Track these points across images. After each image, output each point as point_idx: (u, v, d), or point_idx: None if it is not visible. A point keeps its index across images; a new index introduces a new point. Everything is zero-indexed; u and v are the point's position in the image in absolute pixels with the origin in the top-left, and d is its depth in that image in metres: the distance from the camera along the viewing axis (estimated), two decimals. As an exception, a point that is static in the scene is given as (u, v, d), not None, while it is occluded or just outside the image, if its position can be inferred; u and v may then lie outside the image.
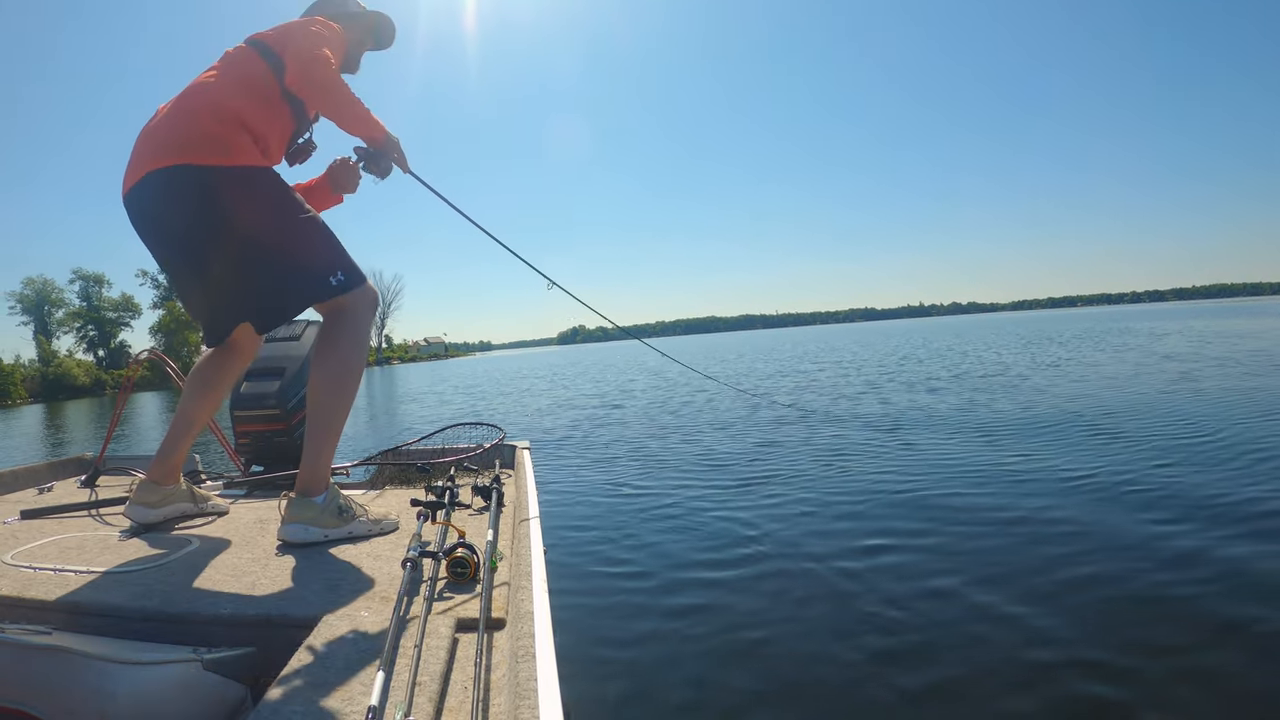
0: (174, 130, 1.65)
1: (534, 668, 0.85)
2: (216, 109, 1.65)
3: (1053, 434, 5.55)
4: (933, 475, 4.38)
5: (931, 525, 3.35)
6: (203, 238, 1.66)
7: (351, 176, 2.10)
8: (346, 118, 1.74)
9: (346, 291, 1.72)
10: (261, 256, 1.66)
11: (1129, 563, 2.73)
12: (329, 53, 1.67)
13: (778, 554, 3.07)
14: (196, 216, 1.63)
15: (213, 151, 1.62)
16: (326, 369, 1.71)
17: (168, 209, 1.66)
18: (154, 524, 1.77)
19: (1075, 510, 3.46)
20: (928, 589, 2.59)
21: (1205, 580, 2.53)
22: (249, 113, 1.68)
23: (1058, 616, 2.32)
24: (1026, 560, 2.83)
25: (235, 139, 1.65)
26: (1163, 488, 3.76)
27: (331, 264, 1.72)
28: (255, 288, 1.68)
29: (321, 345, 1.74)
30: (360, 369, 1.76)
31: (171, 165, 1.62)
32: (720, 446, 5.98)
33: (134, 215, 1.72)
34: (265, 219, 1.66)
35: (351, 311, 1.74)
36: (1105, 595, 2.46)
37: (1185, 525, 3.12)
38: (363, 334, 1.77)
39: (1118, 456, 4.58)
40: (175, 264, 1.76)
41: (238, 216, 1.63)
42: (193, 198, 1.62)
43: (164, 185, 1.63)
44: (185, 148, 1.62)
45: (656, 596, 2.67)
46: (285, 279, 1.68)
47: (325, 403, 1.70)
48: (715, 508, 3.92)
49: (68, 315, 59.50)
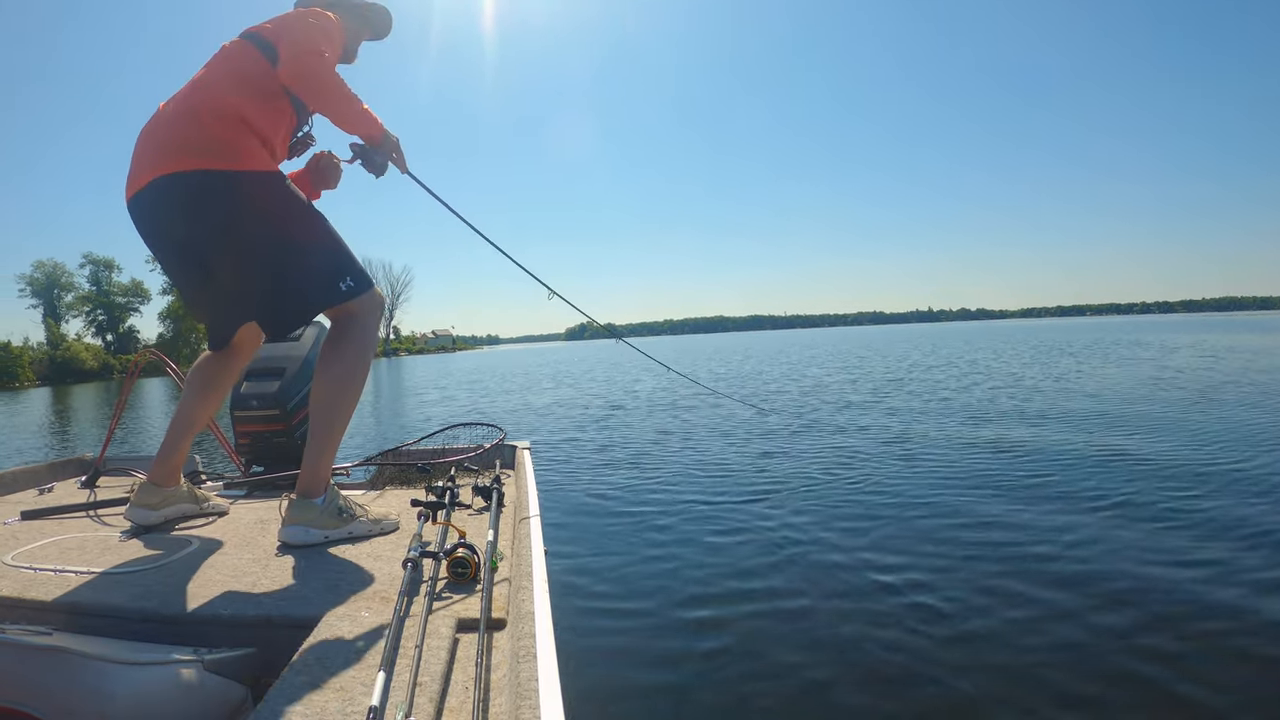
0: (178, 134, 1.62)
1: (534, 668, 0.85)
2: (219, 110, 1.62)
3: (1082, 451, 5.18)
4: (940, 488, 4.38)
5: (934, 542, 3.35)
6: (211, 245, 1.64)
7: (335, 174, 2.04)
8: (343, 115, 1.71)
9: (355, 297, 1.71)
10: (272, 263, 1.63)
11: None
12: (324, 47, 1.64)
13: (779, 554, 3.07)
14: (205, 224, 1.61)
15: (220, 156, 1.59)
16: (331, 374, 1.69)
17: (175, 216, 1.63)
18: (155, 525, 1.77)
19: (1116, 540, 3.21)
20: (927, 599, 2.59)
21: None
22: (252, 112, 1.65)
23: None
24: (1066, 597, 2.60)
25: (242, 142, 1.63)
26: (1188, 511, 3.51)
27: (340, 269, 1.70)
28: (267, 294, 1.66)
29: (327, 350, 1.72)
30: (364, 374, 1.75)
31: (177, 171, 1.59)
32: (722, 447, 5.98)
33: (139, 221, 1.70)
34: (275, 225, 1.63)
35: (360, 317, 1.72)
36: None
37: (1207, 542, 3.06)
38: (369, 339, 1.75)
39: (1145, 483, 4.13)
40: (182, 269, 1.74)
41: (247, 223, 1.60)
42: (201, 205, 1.59)
43: (170, 192, 1.60)
44: (191, 152, 1.59)
45: (657, 596, 2.67)
46: (296, 286, 1.66)
47: (329, 406, 1.68)
48: (716, 508, 3.92)
49: (77, 299, 59.50)
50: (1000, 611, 2.41)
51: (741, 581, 2.77)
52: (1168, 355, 15.68)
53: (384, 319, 50.83)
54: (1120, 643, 2.18)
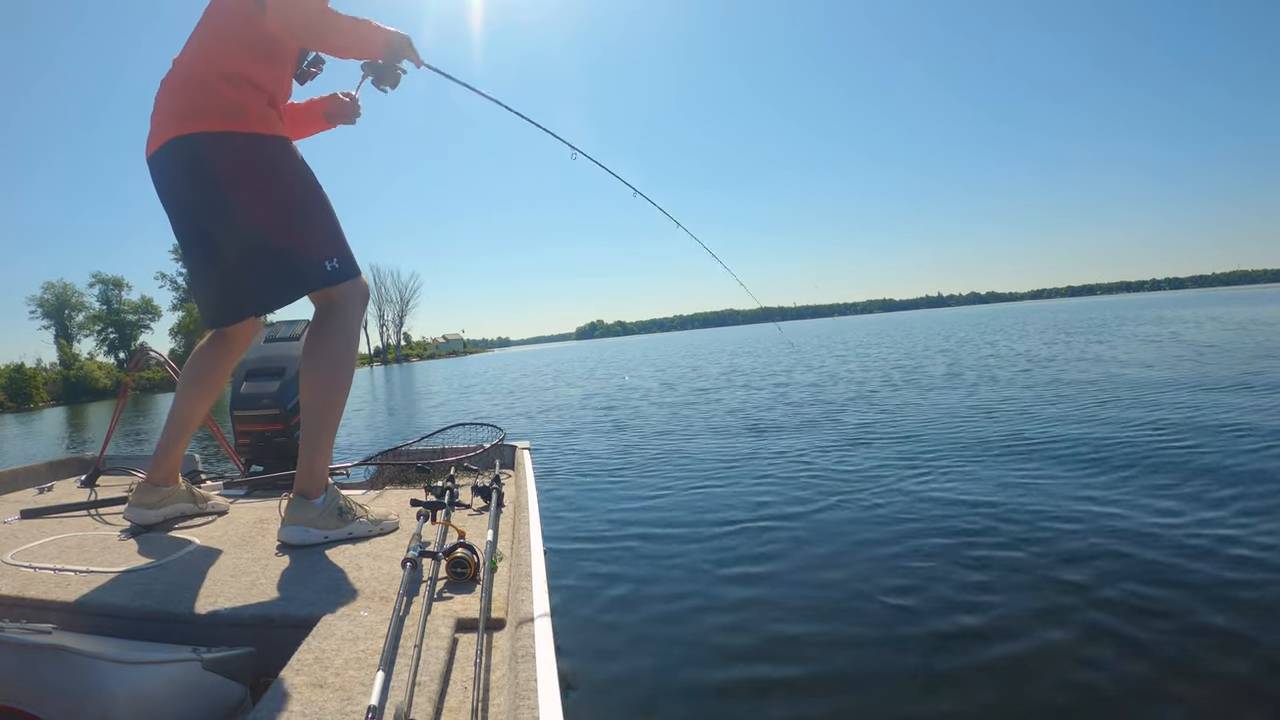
0: (181, 99, 1.61)
1: (534, 668, 0.85)
2: (221, 68, 1.59)
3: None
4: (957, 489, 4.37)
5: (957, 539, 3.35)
6: (204, 207, 1.63)
7: (351, 110, 2.00)
8: (343, 49, 1.66)
9: (339, 282, 1.66)
10: (255, 230, 1.60)
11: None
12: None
13: (781, 555, 3.07)
14: (200, 185, 1.60)
15: (224, 116, 1.57)
16: (316, 366, 1.65)
17: (179, 180, 1.64)
18: (153, 525, 1.78)
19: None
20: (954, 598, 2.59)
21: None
22: (251, 66, 1.61)
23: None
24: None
25: (245, 101, 1.59)
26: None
27: (328, 249, 1.65)
28: (248, 264, 1.63)
29: (310, 341, 1.68)
30: (351, 365, 1.71)
31: (183, 134, 1.58)
32: (723, 446, 5.98)
33: (154, 182, 1.70)
34: (264, 191, 1.60)
35: (341, 305, 1.68)
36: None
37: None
38: (352, 328, 1.70)
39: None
40: (184, 236, 1.73)
41: (241, 186, 1.58)
42: (198, 165, 1.59)
43: (175, 155, 1.61)
44: (196, 115, 1.58)
45: (657, 596, 2.67)
46: (277, 259, 1.62)
47: (317, 402, 1.65)
48: (718, 508, 3.92)
49: (88, 319, 60.08)
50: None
51: (743, 581, 2.77)
52: (1192, 330, 14.82)
53: (395, 326, 49.52)
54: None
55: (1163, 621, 2.19)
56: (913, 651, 2.14)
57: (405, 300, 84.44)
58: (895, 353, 16.54)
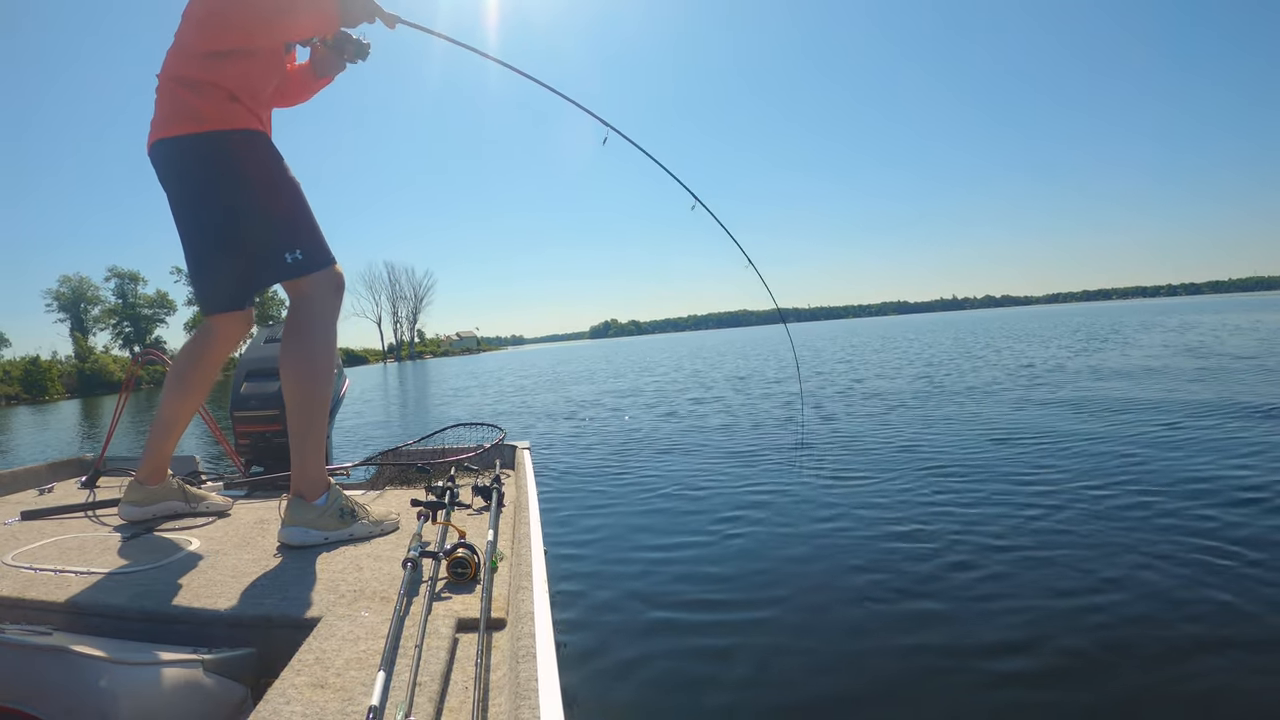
0: (159, 103, 1.66)
1: (534, 668, 0.85)
2: (178, 74, 1.60)
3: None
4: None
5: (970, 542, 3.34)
6: (177, 209, 1.69)
7: (332, 60, 1.93)
8: (296, 31, 1.64)
9: (304, 274, 1.61)
10: (215, 226, 1.63)
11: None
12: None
13: (783, 554, 3.06)
14: (175, 188, 1.66)
15: (184, 120, 1.59)
16: (291, 364, 1.61)
17: (165, 182, 1.70)
18: (144, 521, 1.79)
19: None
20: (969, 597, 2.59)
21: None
22: (205, 68, 1.59)
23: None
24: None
25: (201, 103, 1.58)
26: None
27: (289, 241, 1.60)
28: (212, 262, 1.67)
29: (285, 337, 1.64)
30: (329, 359, 1.66)
31: (159, 139, 1.64)
32: (726, 446, 5.98)
33: (156, 172, 1.74)
34: (219, 188, 1.61)
35: (311, 298, 1.63)
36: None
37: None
38: (327, 320, 1.65)
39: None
40: (178, 228, 1.76)
41: (201, 185, 1.62)
42: (171, 170, 1.65)
43: (156, 160, 1.67)
44: (167, 121, 1.62)
45: (658, 596, 2.67)
46: (232, 253, 1.64)
47: (298, 400, 1.61)
48: (719, 508, 3.92)
49: (104, 312, 60.05)
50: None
51: (744, 581, 2.77)
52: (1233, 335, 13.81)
53: (408, 324, 48.92)
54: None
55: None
56: (914, 652, 2.14)
57: (419, 297, 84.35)
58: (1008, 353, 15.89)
